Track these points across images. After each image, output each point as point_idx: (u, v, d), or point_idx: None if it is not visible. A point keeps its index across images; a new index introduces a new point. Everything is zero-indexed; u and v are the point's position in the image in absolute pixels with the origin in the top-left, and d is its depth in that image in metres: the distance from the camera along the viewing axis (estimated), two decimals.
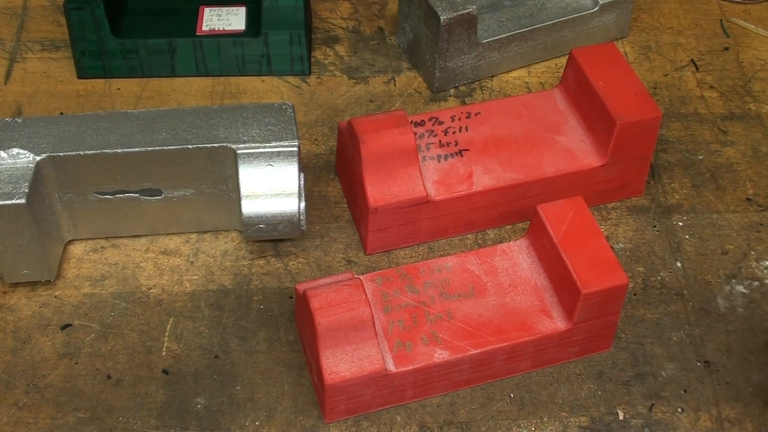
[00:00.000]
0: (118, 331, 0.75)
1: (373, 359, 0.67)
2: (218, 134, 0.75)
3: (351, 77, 0.94)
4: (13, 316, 0.75)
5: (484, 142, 0.82)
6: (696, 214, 0.84)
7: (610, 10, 0.95)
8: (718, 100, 0.94)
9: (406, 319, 0.71)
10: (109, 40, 0.90)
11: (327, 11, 1.01)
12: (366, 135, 0.76)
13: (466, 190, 0.79)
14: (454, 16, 0.87)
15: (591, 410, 0.72)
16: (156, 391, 0.72)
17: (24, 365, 0.73)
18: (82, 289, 0.77)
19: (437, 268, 0.74)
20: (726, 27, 1.01)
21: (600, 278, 0.69)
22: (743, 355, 0.75)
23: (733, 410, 0.72)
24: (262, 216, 0.75)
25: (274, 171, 0.75)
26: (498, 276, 0.74)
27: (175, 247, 0.80)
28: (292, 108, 0.77)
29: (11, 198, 0.70)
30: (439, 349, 0.69)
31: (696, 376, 0.74)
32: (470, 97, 0.92)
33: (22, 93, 0.92)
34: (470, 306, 0.72)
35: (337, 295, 0.67)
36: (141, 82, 0.93)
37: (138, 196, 0.77)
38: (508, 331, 0.71)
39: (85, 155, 0.73)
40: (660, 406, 0.72)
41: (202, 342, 0.74)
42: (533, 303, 0.72)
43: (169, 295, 0.77)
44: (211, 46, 0.91)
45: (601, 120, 0.80)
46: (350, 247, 0.81)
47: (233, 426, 0.70)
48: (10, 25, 0.98)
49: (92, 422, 0.70)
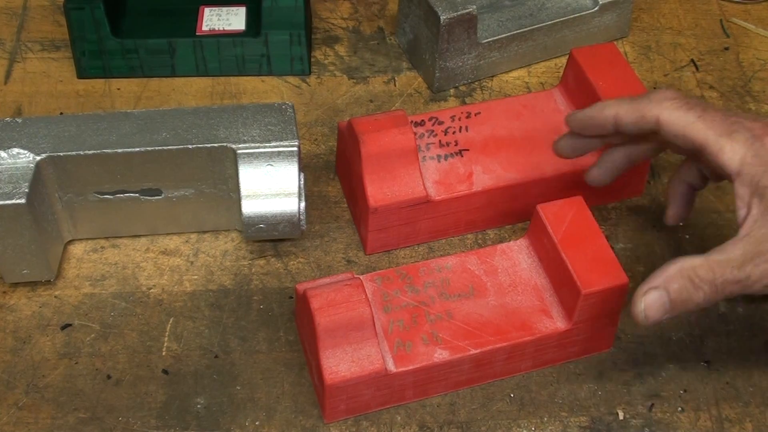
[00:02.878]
0: (118, 331, 0.75)
1: (373, 359, 0.67)
2: (218, 134, 0.75)
3: (351, 77, 0.94)
4: (13, 316, 0.75)
5: (484, 142, 0.82)
6: (696, 214, 0.84)
7: (610, 10, 0.95)
8: (718, 100, 0.94)
9: (406, 319, 0.71)
10: (109, 40, 0.90)
11: (327, 11, 1.01)
12: (366, 135, 0.76)
13: (466, 190, 0.79)
14: (454, 16, 0.87)
15: (591, 410, 0.72)
16: (156, 391, 0.72)
17: (24, 365, 0.73)
18: (82, 289, 0.77)
19: (437, 268, 0.74)
20: (726, 27, 1.01)
21: (600, 278, 0.69)
22: (743, 355, 0.75)
23: (733, 410, 0.72)
24: (262, 216, 0.75)
25: (274, 171, 0.75)
26: (498, 276, 0.74)
27: (175, 247, 0.80)
28: (292, 108, 0.77)
29: (11, 198, 0.70)
30: (439, 349, 0.69)
31: (696, 376, 0.74)
32: (470, 97, 0.92)
33: (22, 93, 0.92)
34: (470, 306, 0.72)
35: (337, 295, 0.67)
36: (141, 82, 0.93)
37: (138, 196, 0.77)
38: (508, 331, 0.71)
39: (85, 155, 0.73)
40: (660, 406, 0.72)
41: (202, 342, 0.74)
42: (533, 303, 0.72)
43: (169, 295, 0.77)
44: (211, 46, 0.91)
45: None
46: (350, 247, 0.81)
47: (233, 426, 0.70)
48: (10, 25, 0.98)
49: (92, 422, 0.70)
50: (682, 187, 0.74)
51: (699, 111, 0.64)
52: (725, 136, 0.62)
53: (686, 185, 0.74)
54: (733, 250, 0.62)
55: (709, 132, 0.63)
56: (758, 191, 0.61)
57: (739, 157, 0.62)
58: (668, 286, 0.62)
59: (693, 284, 0.62)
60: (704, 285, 0.62)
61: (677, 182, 0.74)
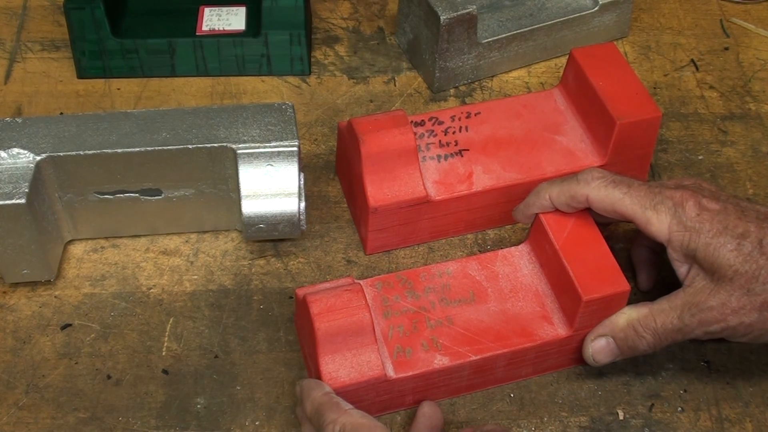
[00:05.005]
0: (118, 331, 0.75)
1: (373, 365, 0.67)
2: (218, 134, 0.75)
3: (351, 77, 0.94)
4: (13, 316, 0.75)
5: (484, 142, 0.82)
6: None
7: (610, 10, 0.95)
8: (718, 100, 0.94)
9: (406, 325, 0.71)
10: (109, 40, 0.90)
11: (327, 11, 1.01)
12: (366, 135, 0.76)
13: (466, 190, 0.79)
14: (454, 16, 0.87)
15: (591, 410, 0.72)
16: (156, 391, 0.72)
17: (24, 365, 0.73)
18: (82, 289, 0.77)
19: (438, 273, 0.74)
20: (726, 27, 1.01)
21: (601, 284, 0.69)
22: (743, 355, 0.75)
23: (733, 410, 0.72)
24: (262, 216, 0.75)
25: (274, 171, 0.75)
26: (499, 282, 0.74)
27: (175, 247, 0.80)
28: (292, 108, 0.77)
29: (11, 198, 0.70)
30: (440, 355, 0.69)
31: (696, 376, 0.74)
32: (470, 97, 0.92)
33: (22, 93, 0.92)
34: (471, 312, 0.72)
35: (337, 301, 0.67)
36: (141, 82, 0.93)
37: (138, 196, 0.77)
38: (508, 337, 0.70)
39: (85, 155, 0.73)
40: (660, 406, 0.72)
41: (202, 342, 0.74)
42: (534, 309, 0.72)
43: (169, 295, 0.77)
44: (211, 46, 0.91)
45: (601, 120, 0.80)
46: (350, 247, 0.81)
47: (233, 426, 0.70)
48: (10, 25, 0.98)
49: (92, 422, 0.70)
50: (644, 253, 0.79)
51: (624, 188, 0.69)
52: (650, 209, 0.68)
53: (647, 250, 0.78)
54: (674, 301, 0.68)
55: (635, 207, 0.68)
56: (689, 253, 0.67)
57: (666, 227, 0.68)
58: (615, 334, 0.70)
59: (637, 333, 0.69)
60: (647, 334, 0.69)
61: (638, 249, 0.79)
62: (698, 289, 0.67)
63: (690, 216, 0.67)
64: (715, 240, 0.66)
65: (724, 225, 0.66)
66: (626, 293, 0.69)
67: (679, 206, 0.67)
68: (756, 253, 0.65)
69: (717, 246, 0.66)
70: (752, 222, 0.66)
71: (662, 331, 0.68)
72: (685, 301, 0.67)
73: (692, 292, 0.67)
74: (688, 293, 0.68)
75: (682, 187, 0.69)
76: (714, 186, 0.71)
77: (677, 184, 0.70)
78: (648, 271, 0.78)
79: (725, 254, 0.65)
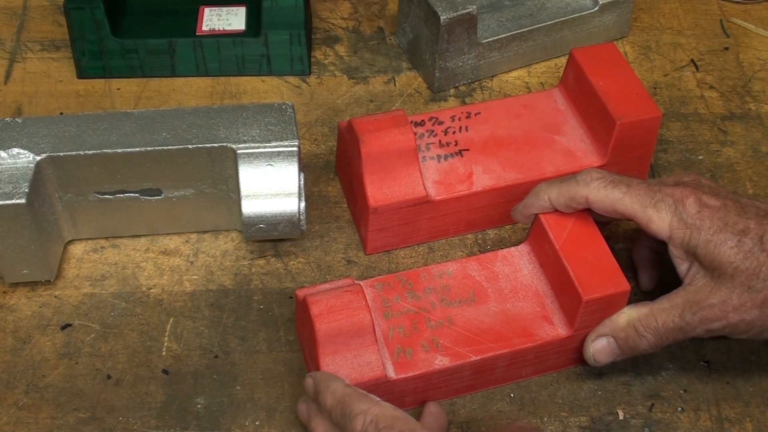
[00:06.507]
0: (118, 331, 0.75)
1: (374, 366, 0.67)
2: (218, 134, 0.75)
3: (351, 77, 0.94)
4: (13, 316, 0.75)
5: (484, 142, 0.82)
6: None
7: (610, 10, 0.95)
8: (718, 100, 0.94)
9: (406, 326, 0.71)
10: (109, 40, 0.90)
11: (327, 11, 1.01)
12: (366, 135, 0.76)
13: (466, 190, 0.79)
14: (454, 16, 0.87)
15: (591, 410, 0.72)
16: (156, 391, 0.72)
17: (24, 365, 0.73)
18: (82, 289, 0.77)
19: (438, 274, 0.74)
20: (726, 27, 1.01)
21: (601, 284, 0.69)
22: (743, 355, 0.75)
23: (733, 410, 0.72)
24: (262, 216, 0.75)
25: (274, 171, 0.75)
26: (499, 282, 0.74)
27: (175, 247, 0.80)
28: (292, 108, 0.77)
29: (11, 198, 0.70)
30: (440, 356, 0.69)
31: (696, 376, 0.74)
32: (470, 97, 0.92)
33: (22, 93, 0.92)
34: (471, 312, 0.72)
35: (337, 302, 0.67)
36: (141, 82, 0.93)
37: (138, 196, 0.77)
38: (509, 338, 0.70)
39: (85, 155, 0.73)
40: (660, 406, 0.72)
41: (202, 342, 0.74)
42: (534, 309, 0.72)
43: (169, 295, 0.77)
44: (211, 46, 0.91)
45: (601, 120, 0.80)
46: (350, 247, 0.81)
47: (233, 426, 0.70)
48: (10, 25, 0.98)
49: (92, 422, 0.70)
50: (645, 253, 0.78)
51: (623, 187, 0.69)
52: (651, 207, 0.68)
53: (648, 249, 0.78)
54: (675, 299, 0.68)
55: (635, 205, 0.68)
56: (690, 250, 0.67)
57: (667, 224, 0.68)
58: (615, 334, 0.70)
59: (637, 333, 0.69)
60: (648, 333, 0.69)
61: (639, 249, 0.79)
62: (699, 287, 0.67)
63: (690, 213, 0.67)
64: (716, 237, 0.66)
65: (724, 222, 0.66)
66: (626, 293, 0.69)
67: (680, 203, 0.67)
68: (756, 249, 0.65)
69: (717, 243, 0.66)
70: (752, 218, 0.66)
71: (663, 330, 0.68)
72: (686, 299, 0.67)
73: (693, 290, 0.67)
74: (689, 291, 0.68)
75: (682, 184, 0.69)
76: (713, 182, 0.71)
77: (676, 181, 0.70)
78: (649, 271, 0.78)
79: (726, 251, 0.65)
